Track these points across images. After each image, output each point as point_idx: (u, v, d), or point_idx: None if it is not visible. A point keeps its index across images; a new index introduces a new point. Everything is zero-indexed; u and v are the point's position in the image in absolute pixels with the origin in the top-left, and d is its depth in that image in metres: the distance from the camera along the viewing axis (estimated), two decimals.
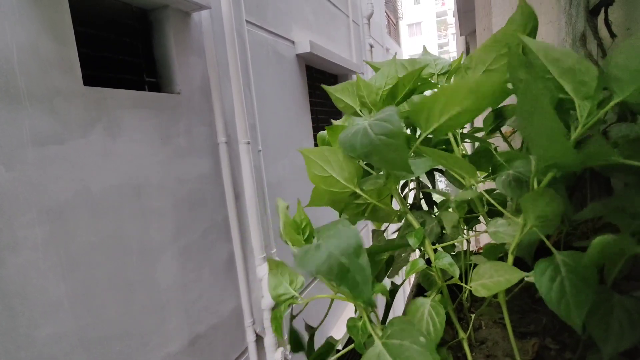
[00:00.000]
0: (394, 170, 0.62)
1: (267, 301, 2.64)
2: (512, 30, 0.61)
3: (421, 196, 0.97)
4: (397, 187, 0.66)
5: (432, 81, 0.80)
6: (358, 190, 0.64)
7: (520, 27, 0.61)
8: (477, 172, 0.82)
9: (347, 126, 0.55)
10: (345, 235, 0.52)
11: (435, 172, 0.96)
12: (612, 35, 0.89)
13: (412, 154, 0.64)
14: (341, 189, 0.65)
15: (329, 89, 0.84)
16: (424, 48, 0.95)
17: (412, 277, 1.07)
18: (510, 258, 0.54)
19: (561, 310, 0.45)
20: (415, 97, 0.75)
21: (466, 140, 0.79)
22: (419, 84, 0.72)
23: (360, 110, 0.76)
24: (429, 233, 0.71)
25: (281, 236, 0.61)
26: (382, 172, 0.69)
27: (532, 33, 0.61)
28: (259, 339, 2.77)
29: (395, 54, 0.94)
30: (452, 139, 0.64)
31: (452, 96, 0.49)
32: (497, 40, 0.64)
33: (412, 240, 0.60)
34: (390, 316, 0.70)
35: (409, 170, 0.56)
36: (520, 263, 0.63)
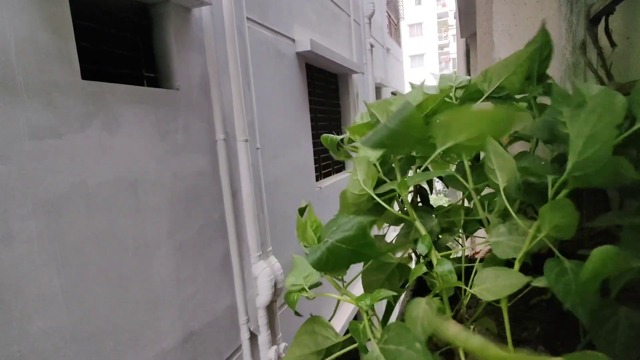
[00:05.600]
0: (418, 151, 0.70)
1: (262, 299, 2.65)
2: (530, 52, 0.67)
3: (419, 199, 0.97)
4: (407, 192, 0.68)
5: (451, 95, 0.83)
6: (371, 192, 0.69)
7: (538, 51, 0.67)
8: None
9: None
10: (346, 227, 0.57)
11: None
12: (612, 44, 0.90)
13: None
14: (360, 192, 0.70)
15: (368, 104, 0.88)
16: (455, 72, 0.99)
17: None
18: (517, 265, 0.55)
19: (568, 301, 0.47)
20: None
21: None
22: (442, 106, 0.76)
23: None
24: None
25: (299, 241, 0.66)
26: (394, 180, 0.72)
27: (547, 58, 0.66)
28: (253, 337, 2.77)
29: (424, 80, 0.97)
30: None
31: (472, 119, 0.54)
32: (512, 63, 0.71)
33: (421, 247, 0.63)
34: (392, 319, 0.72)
35: (431, 146, 0.61)
36: (522, 267, 0.63)
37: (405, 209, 0.74)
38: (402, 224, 0.83)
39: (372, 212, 0.76)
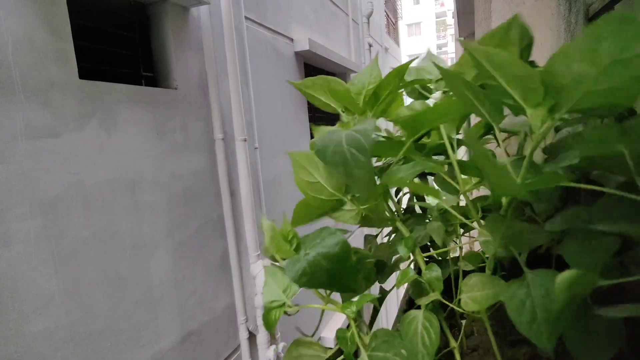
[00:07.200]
0: (355, 186, 0.60)
1: (260, 299, 2.64)
2: (504, 43, 0.61)
3: (415, 200, 0.97)
4: (388, 193, 0.66)
5: (431, 87, 0.80)
6: (345, 199, 0.64)
7: (516, 43, 0.61)
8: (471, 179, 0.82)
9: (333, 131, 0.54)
10: (330, 242, 0.53)
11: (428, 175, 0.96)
12: None
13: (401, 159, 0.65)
14: (328, 197, 0.64)
15: (296, 84, 0.82)
16: (428, 50, 0.95)
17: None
18: (488, 272, 0.54)
19: (532, 335, 0.43)
20: (417, 104, 0.76)
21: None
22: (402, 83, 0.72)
23: (342, 111, 0.76)
24: (420, 239, 0.70)
25: (266, 252, 0.61)
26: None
27: (527, 49, 0.61)
28: (252, 337, 2.77)
29: (377, 53, 0.94)
30: (447, 145, 0.63)
31: (444, 111, 0.52)
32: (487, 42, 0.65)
33: (402, 250, 0.60)
34: (379, 322, 0.70)
35: (372, 190, 0.56)
36: (516, 268, 0.63)
37: (393, 211, 0.72)
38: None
39: (346, 212, 0.72)
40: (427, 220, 0.77)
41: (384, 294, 0.73)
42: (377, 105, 0.73)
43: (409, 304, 0.81)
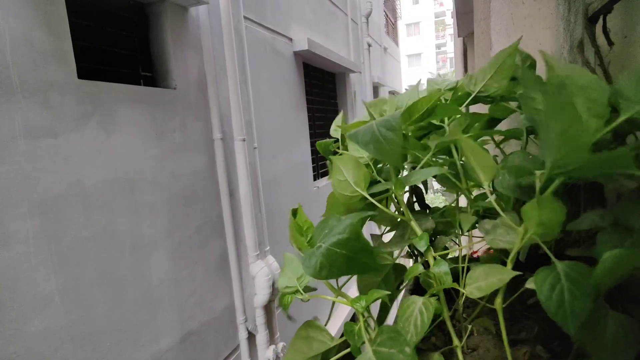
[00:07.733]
0: (387, 161, 0.69)
1: (259, 299, 2.64)
2: (511, 62, 0.72)
3: (414, 199, 0.97)
4: (402, 192, 0.68)
5: (443, 98, 0.84)
6: (365, 194, 0.68)
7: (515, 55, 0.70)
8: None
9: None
10: (338, 229, 0.55)
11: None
12: (610, 43, 0.90)
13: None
14: (352, 193, 0.70)
15: (366, 103, 0.90)
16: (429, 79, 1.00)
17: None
18: (510, 265, 0.55)
19: (558, 318, 0.46)
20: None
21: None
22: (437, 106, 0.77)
23: None
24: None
25: (291, 243, 0.65)
26: (388, 180, 0.72)
27: (531, 68, 0.69)
28: (251, 337, 2.77)
29: (420, 80, 0.99)
30: (452, 148, 0.65)
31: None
32: (492, 64, 0.74)
33: (421, 243, 0.63)
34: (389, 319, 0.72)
35: (400, 164, 0.62)
36: (516, 267, 0.63)
37: (401, 209, 0.74)
38: (397, 227, 0.82)
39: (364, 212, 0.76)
40: (430, 218, 0.78)
41: (394, 292, 0.74)
42: (410, 122, 0.78)
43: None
